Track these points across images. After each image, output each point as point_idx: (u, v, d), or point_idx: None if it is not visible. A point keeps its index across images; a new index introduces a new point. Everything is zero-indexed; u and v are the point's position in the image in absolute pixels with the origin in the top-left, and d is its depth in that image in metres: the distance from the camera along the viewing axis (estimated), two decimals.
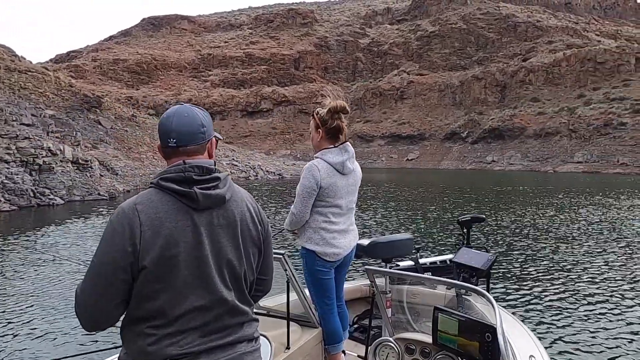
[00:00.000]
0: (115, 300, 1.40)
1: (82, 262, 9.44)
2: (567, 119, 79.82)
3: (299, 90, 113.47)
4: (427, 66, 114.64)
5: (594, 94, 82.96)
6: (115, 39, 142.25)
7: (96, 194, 23.38)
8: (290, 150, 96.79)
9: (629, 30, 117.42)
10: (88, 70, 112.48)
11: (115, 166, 30.18)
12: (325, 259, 2.84)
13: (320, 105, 2.89)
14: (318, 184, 2.77)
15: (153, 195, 1.44)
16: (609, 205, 21.30)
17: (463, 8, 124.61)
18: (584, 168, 67.82)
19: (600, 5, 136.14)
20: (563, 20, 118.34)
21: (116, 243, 1.37)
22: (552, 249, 11.18)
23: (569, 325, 6.05)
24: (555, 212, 18.57)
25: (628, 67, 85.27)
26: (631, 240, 12.38)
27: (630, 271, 9.00)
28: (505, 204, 21.57)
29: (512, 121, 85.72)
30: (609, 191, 29.88)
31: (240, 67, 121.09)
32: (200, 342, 1.41)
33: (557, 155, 74.85)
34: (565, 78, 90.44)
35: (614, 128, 72.83)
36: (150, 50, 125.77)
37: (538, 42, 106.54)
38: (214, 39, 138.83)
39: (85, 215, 17.03)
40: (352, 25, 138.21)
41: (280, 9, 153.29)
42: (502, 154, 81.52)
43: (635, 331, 5.89)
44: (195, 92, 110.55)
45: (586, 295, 7.36)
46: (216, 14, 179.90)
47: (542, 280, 8.31)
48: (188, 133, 1.49)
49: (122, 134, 37.06)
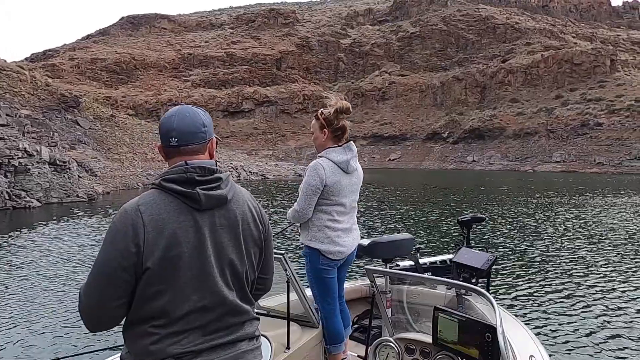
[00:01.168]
0: (118, 301, 1.40)
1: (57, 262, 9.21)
2: (545, 119, 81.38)
3: (280, 91, 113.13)
4: (408, 67, 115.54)
5: (571, 95, 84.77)
6: (93, 38, 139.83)
7: (74, 196, 22.84)
8: (273, 150, 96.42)
9: (604, 32, 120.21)
10: (65, 69, 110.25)
11: (94, 167, 29.62)
12: (330, 257, 2.87)
13: (322, 106, 2.94)
14: (323, 182, 2.80)
15: (155, 196, 1.44)
16: (604, 204, 21.54)
17: (443, 9, 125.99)
18: (562, 168, 69.16)
19: (576, 8, 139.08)
20: (541, 22, 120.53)
21: (119, 244, 1.38)
22: (552, 248, 11.20)
23: (568, 325, 6.04)
24: (553, 211, 18.65)
25: (603, 69, 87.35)
26: (630, 239, 12.45)
27: (630, 271, 9.03)
28: (501, 204, 21.71)
29: (491, 121, 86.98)
30: (595, 191, 30.34)
31: (221, 67, 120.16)
32: (202, 341, 1.43)
33: (536, 155, 76.20)
34: (543, 79, 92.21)
35: (590, 128, 74.50)
36: (129, 50, 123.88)
37: (517, 43, 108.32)
38: (195, 39, 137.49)
39: (63, 218, 16.58)
40: (334, 26, 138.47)
41: (262, 8, 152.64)
42: (483, 154, 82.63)
43: (636, 331, 5.89)
44: (175, 92, 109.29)
45: (586, 295, 7.36)
46: (196, 14, 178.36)
47: (542, 280, 8.31)
48: (189, 132, 1.50)
49: (101, 135, 36.37)
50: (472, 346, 2.13)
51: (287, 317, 2.68)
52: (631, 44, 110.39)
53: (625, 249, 11.31)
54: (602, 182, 40.90)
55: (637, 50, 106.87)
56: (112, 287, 1.39)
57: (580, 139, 74.00)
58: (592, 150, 70.49)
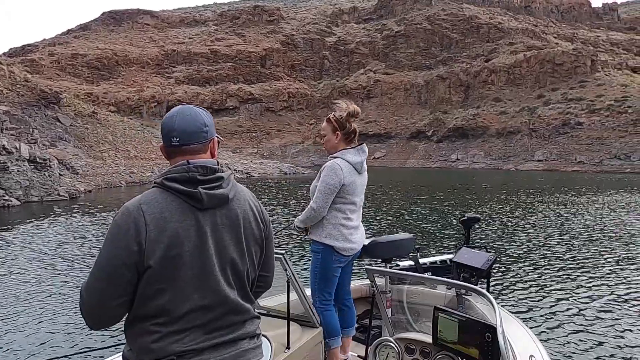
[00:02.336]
0: (119, 299, 1.41)
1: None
2: (527, 118, 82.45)
3: (265, 88, 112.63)
4: (393, 65, 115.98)
5: (553, 95, 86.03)
6: (73, 33, 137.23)
7: (55, 195, 22.36)
8: (257, 148, 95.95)
9: (584, 33, 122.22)
10: (45, 65, 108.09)
11: (76, 165, 29.08)
12: (343, 253, 3.04)
13: (333, 110, 3.11)
14: (341, 182, 2.96)
15: (157, 195, 1.45)
16: (600, 204, 21.71)
17: (428, 8, 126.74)
18: (544, 166, 70.17)
19: (557, 9, 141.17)
20: (523, 22, 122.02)
21: (121, 242, 1.39)
22: (551, 248, 11.19)
23: (569, 325, 6.03)
24: (550, 211, 18.69)
25: (584, 69, 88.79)
26: (631, 239, 12.52)
27: (630, 270, 9.05)
28: (496, 203, 21.78)
29: (475, 120, 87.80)
30: (591, 189, 30.66)
31: (205, 64, 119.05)
32: (204, 339, 1.44)
33: (519, 154, 77.17)
34: (525, 79, 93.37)
35: (571, 127, 75.71)
36: (111, 45, 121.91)
37: (500, 43, 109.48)
38: (178, 35, 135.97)
39: (44, 217, 16.20)
40: (319, 24, 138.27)
41: (246, 5, 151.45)
42: (466, 152, 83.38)
43: (637, 330, 5.90)
44: (158, 89, 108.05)
45: (586, 295, 7.37)
46: (180, 9, 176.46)
47: (542, 280, 8.30)
48: (191, 132, 1.51)
49: (82, 132, 35.70)
50: (472, 346, 2.13)
51: (287, 317, 2.68)
52: (610, 45, 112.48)
53: (626, 248, 11.28)
54: (588, 181, 41.43)
55: (616, 51, 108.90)
56: (113, 286, 1.39)
57: (562, 138, 75.18)
58: (573, 149, 71.65)
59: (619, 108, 74.16)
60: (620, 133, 69.84)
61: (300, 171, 54.61)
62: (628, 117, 71.79)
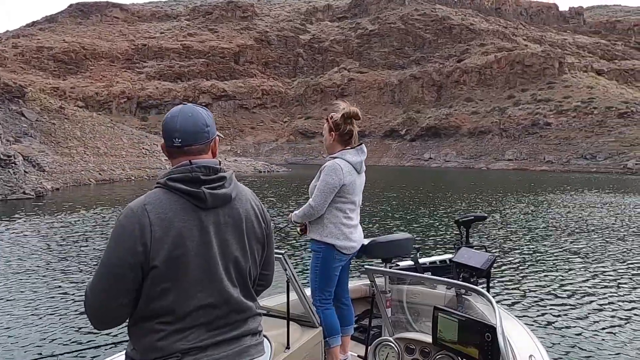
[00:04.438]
0: (124, 299, 1.42)
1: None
2: (498, 118, 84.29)
3: (239, 85, 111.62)
4: (367, 64, 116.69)
5: (522, 95, 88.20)
6: (39, 25, 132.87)
7: (21, 193, 21.50)
8: (231, 146, 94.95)
9: (552, 36, 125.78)
10: (8, 57, 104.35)
11: (42, 162, 28.06)
12: (344, 252, 3.07)
13: (334, 110, 3.15)
14: (341, 181, 3.00)
15: (161, 195, 1.46)
16: (597, 203, 22.02)
17: (401, 8, 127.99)
18: (514, 165, 71.83)
19: (526, 12, 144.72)
20: (494, 24, 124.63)
21: (126, 243, 1.39)
22: (551, 248, 11.24)
23: (569, 325, 6.03)
24: (549, 211, 18.75)
25: (552, 71, 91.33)
26: (631, 239, 12.62)
27: (631, 270, 9.10)
28: (491, 203, 21.92)
29: (447, 120, 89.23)
30: (589, 190, 31.02)
31: (177, 60, 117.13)
32: (208, 337, 1.46)
33: (490, 153, 78.80)
34: (496, 79, 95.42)
35: (540, 128, 77.77)
36: (78, 39, 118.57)
37: (471, 44, 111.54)
38: (149, 29, 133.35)
39: (7, 217, 15.48)
40: (293, 21, 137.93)
41: (219, 1, 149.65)
42: (439, 151, 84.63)
43: (636, 330, 5.92)
44: (129, 84, 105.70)
45: (586, 295, 7.39)
46: (151, 3, 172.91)
47: (543, 279, 8.31)
48: (192, 132, 1.52)
49: (48, 127, 34.46)
50: (472, 346, 2.13)
51: (287, 317, 2.67)
52: (577, 48, 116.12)
53: (625, 248, 11.34)
54: (560, 180, 42.20)
55: (582, 53, 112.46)
56: (118, 286, 1.40)
57: (531, 138, 77.11)
58: (542, 149, 73.57)
59: (585, 109, 76.63)
60: (586, 133, 72.13)
61: (275, 169, 54.28)
62: (594, 117, 74.23)
